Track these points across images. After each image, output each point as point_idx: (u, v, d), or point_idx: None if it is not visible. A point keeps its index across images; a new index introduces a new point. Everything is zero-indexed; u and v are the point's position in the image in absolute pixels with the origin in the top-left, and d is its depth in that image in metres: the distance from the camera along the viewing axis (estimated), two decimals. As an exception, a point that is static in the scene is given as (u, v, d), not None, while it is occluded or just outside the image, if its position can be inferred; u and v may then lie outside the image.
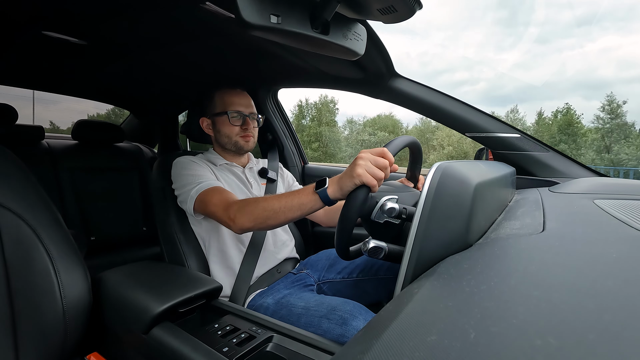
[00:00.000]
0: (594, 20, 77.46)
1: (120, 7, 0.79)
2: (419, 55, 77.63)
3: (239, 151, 1.03)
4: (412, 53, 79.26)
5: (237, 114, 0.99)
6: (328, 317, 0.69)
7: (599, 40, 70.75)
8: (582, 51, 69.25)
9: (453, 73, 71.31)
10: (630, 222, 0.46)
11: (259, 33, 0.51)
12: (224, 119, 0.99)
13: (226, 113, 0.98)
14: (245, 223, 0.73)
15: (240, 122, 0.99)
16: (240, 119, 0.99)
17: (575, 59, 67.41)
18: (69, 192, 1.56)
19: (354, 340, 0.27)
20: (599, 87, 60.24)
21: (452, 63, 75.80)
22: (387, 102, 1.21)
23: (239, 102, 1.00)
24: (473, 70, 71.89)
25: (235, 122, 0.99)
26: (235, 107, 0.99)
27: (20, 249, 0.60)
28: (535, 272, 0.32)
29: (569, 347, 0.20)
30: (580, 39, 73.41)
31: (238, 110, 0.99)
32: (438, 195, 0.42)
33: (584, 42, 72.30)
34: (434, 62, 74.52)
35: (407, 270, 0.40)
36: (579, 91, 62.12)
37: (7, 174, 0.63)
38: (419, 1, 0.51)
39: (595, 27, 72.29)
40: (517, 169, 0.97)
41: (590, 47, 70.23)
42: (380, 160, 0.61)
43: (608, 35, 71.81)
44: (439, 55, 77.14)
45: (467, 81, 67.93)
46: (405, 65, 72.69)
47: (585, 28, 74.20)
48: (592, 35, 72.16)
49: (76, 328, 0.64)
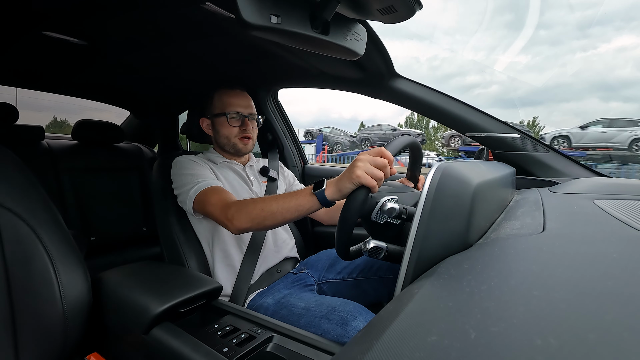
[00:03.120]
0: (594, 21, 77.39)
1: (120, 8, 0.79)
2: (428, 59, 77.38)
3: (237, 153, 1.03)
4: (421, 58, 79.01)
5: (236, 115, 0.99)
6: (328, 317, 0.69)
7: (614, 41, 70.04)
8: (597, 52, 68.62)
9: (464, 76, 70.96)
10: (630, 222, 0.46)
11: (258, 33, 0.50)
12: (222, 119, 0.99)
13: (225, 114, 0.98)
14: (242, 224, 0.74)
15: (239, 123, 0.99)
16: (239, 119, 0.99)
17: (591, 60, 66.75)
18: (69, 192, 1.56)
19: (354, 340, 0.27)
20: (617, 88, 59.39)
21: (462, 66, 75.49)
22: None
23: (238, 102, 1.00)
24: (485, 73, 71.48)
25: (234, 123, 0.99)
26: (234, 108, 0.99)
27: (20, 249, 0.60)
28: (535, 272, 0.32)
29: (569, 347, 0.20)
30: (593, 40, 72.84)
31: (237, 111, 0.99)
32: (438, 195, 0.42)
33: (597, 43, 71.72)
34: (443, 66, 74.24)
35: (407, 270, 0.40)
36: (596, 93, 61.31)
37: (7, 174, 0.63)
38: (419, 1, 0.51)
39: (607, 27, 71.70)
40: (517, 169, 0.97)
41: (605, 47, 69.54)
42: (379, 160, 0.61)
43: (623, 35, 70.91)
44: (449, 59, 76.89)
45: (479, 84, 67.50)
46: (415, 70, 72.26)
47: (597, 29, 73.74)
48: (606, 35, 71.49)
49: (76, 328, 0.64)
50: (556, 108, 63.24)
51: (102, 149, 1.72)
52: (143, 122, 2.01)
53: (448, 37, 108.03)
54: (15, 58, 1.13)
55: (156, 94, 1.62)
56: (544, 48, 74.38)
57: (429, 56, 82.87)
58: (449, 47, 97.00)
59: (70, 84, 1.47)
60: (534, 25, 67.86)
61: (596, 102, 59.61)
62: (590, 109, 57.35)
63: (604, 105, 57.21)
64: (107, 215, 1.65)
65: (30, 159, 1.49)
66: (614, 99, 57.56)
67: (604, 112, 53.47)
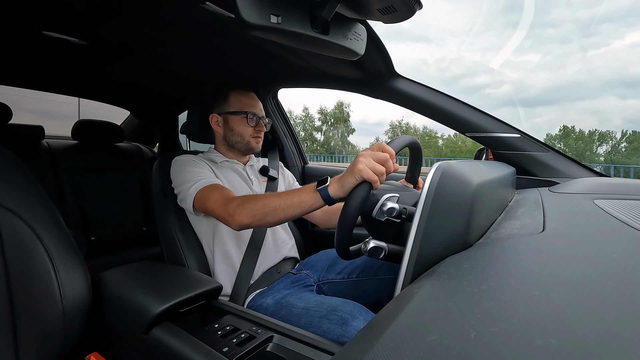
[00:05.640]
0: (597, 18, 76.83)
1: (120, 7, 0.79)
2: (436, 61, 76.93)
3: (249, 151, 1.06)
4: (429, 60, 78.55)
5: (254, 116, 1.02)
6: (328, 317, 0.69)
7: (627, 37, 68.84)
8: (610, 48, 67.53)
9: (473, 77, 70.43)
10: (630, 222, 0.46)
11: (258, 33, 0.51)
12: (239, 118, 1.01)
13: (244, 113, 1.01)
14: (244, 219, 0.73)
15: (255, 124, 1.02)
16: (255, 120, 1.02)
17: (605, 57, 65.65)
18: (69, 192, 1.56)
19: (354, 340, 0.27)
20: (635, 85, 58.02)
21: (471, 67, 74.95)
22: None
23: (254, 104, 1.04)
24: (495, 74, 70.78)
25: (251, 123, 1.02)
26: (252, 109, 1.02)
27: (20, 249, 0.60)
28: (536, 272, 0.32)
29: (569, 347, 0.20)
30: (605, 37, 71.93)
31: (254, 112, 1.02)
32: (438, 195, 0.42)
33: (609, 40, 70.74)
34: (452, 67, 73.80)
35: (407, 270, 0.40)
36: (613, 90, 60.23)
37: (7, 174, 0.63)
38: (419, 1, 0.51)
39: (618, 23, 70.58)
40: (517, 169, 0.97)
41: (619, 43, 68.40)
42: (380, 155, 0.61)
43: (636, 31, 69.58)
44: (457, 61, 76.42)
45: (489, 85, 66.91)
46: (423, 72, 71.81)
47: (607, 25, 72.59)
48: (618, 32, 70.43)
49: (76, 328, 0.64)
50: (571, 107, 62.40)
51: (102, 149, 1.72)
52: (143, 122, 2.01)
53: (455, 38, 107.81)
54: (15, 58, 1.13)
55: (156, 94, 1.62)
56: (553, 46, 73.54)
57: (437, 58, 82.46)
58: (456, 49, 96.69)
59: (70, 83, 1.47)
60: (541, 25, 67.08)
61: (613, 100, 58.74)
62: (608, 107, 56.39)
63: (621, 103, 56.34)
64: (107, 215, 1.65)
65: (30, 158, 1.48)
66: (632, 96, 56.50)
67: (621, 110, 52.78)
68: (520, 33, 67.77)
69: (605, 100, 57.47)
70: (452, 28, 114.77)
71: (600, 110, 56.90)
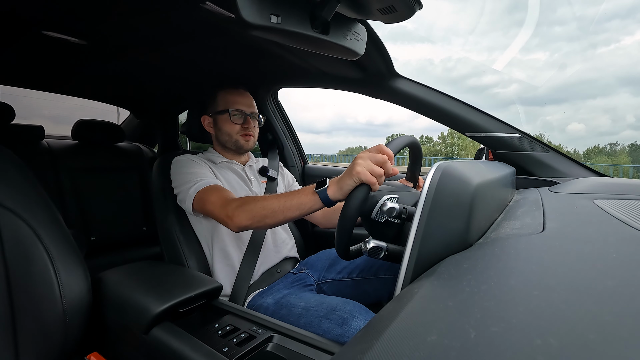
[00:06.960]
0: (596, 18, 77.09)
1: (120, 7, 0.79)
2: (442, 61, 77.15)
3: (239, 150, 1.04)
4: (435, 60, 78.81)
5: (239, 113, 1.00)
6: (328, 317, 0.69)
7: (638, 33, 68.67)
8: (620, 45, 67.58)
9: (480, 77, 70.60)
10: (630, 222, 0.45)
11: (258, 33, 0.50)
12: (225, 117, 1.00)
13: (227, 111, 0.99)
14: (243, 221, 0.73)
15: (242, 121, 1.01)
16: (241, 117, 1.01)
17: (616, 54, 65.68)
18: (69, 192, 1.56)
19: (354, 340, 0.27)
20: None
21: (478, 67, 75.05)
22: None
23: (241, 101, 1.01)
24: (502, 73, 70.76)
25: (237, 121, 1.00)
26: (237, 106, 1.00)
27: (20, 249, 0.60)
28: (535, 272, 0.32)
29: (569, 347, 0.20)
30: (615, 33, 72.01)
31: (240, 109, 1.00)
32: (438, 195, 0.42)
33: (619, 36, 70.80)
34: (458, 67, 73.99)
35: (407, 270, 0.40)
36: (625, 87, 60.16)
37: (7, 174, 0.63)
38: (419, 1, 0.51)
39: (628, 20, 70.71)
40: (517, 169, 0.97)
41: (629, 40, 68.29)
42: (379, 157, 0.61)
43: None
44: (463, 61, 76.58)
45: (497, 84, 67.04)
46: (429, 72, 72.00)
47: (616, 22, 72.64)
48: (628, 28, 70.42)
49: (76, 328, 0.64)
50: (582, 105, 62.18)
51: (102, 149, 1.72)
52: (143, 122, 2.01)
53: (461, 38, 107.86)
54: (15, 58, 1.13)
55: (156, 94, 1.62)
56: (561, 44, 73.46)
57: (443, 58, 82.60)
58: (462, 49, 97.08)
59: (70, 83, 1.46)
60: (548, 23, 67.18)
61: (626, 97, 58.56)
62: (621, 104, 56.25)
63: (635, 100, 56.15)
64: (107, 215, 1.65)
65: (30, 158, 1.49)
66: (645, 93, 56.08)
67: (635, 107, 52.59)
68: (526, 31, 67.88)
69: (618, 97, 57.50)
70: (457, 28, 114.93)
71: (612, 108, 56.92)
